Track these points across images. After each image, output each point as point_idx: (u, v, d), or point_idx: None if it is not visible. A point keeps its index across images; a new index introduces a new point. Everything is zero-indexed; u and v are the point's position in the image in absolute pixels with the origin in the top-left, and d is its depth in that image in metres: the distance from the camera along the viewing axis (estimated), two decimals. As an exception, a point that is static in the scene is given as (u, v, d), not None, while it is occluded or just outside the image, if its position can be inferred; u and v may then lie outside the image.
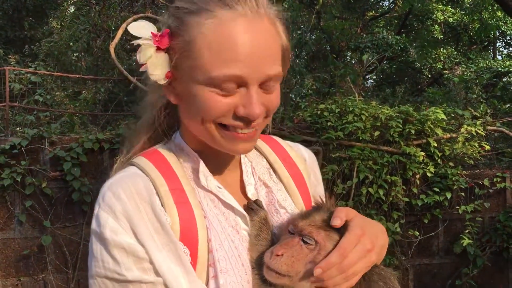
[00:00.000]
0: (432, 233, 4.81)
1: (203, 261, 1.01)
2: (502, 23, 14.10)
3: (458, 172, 4.72)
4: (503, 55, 17.54)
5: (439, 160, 4.73)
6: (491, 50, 18.08)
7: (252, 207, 1.12)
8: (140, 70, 1.05)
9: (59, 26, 11.14)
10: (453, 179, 4.66)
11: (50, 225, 4.31)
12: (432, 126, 4.70)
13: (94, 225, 0.99)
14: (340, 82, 8.53)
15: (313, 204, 1.14)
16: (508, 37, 17.12)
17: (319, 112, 4.79)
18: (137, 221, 0.97)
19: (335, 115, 4.79)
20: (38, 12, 13.30)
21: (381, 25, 17.12)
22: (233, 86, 0.99)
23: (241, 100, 1.00)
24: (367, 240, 1.01)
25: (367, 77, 15.79)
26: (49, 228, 4.32)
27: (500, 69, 11.29)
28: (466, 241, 4.59)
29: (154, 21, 1.20)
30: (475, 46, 16.26)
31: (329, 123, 4.72)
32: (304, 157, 1.30)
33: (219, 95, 0.99)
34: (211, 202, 1.08)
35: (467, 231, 4.69)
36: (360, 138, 4.66)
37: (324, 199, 1.13)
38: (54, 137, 4.45)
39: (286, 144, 1.30)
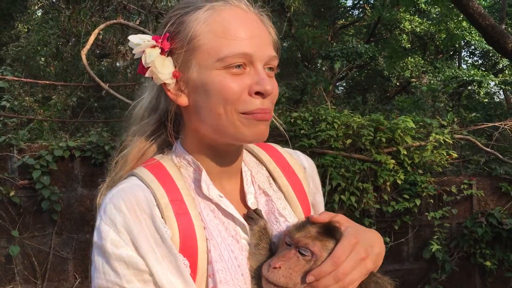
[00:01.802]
0: (402, 239, 4.91)
1: (202, 272, 1.03)
2: (467, 33, 14.51)
3: (427, 179, 4.83)
4: (468, 64, 18.07)
5: (408, 168, 4.83)
6: (457, 59, 18.59)
7: (251, 216, 1.13)
8: (146, 75, 1.09)
9: (26, 30, 10.89)
10: (422, 186, 4.77)
11: (18, 234, 4.21)
12: (402, 134, 4.81)
13: (95, 237, 1.02)
14: (312, 89, 8.63)
15: (310, 215, 1.16)
16: (473, 47, 17.64)
17: (292, 120, 4.84)
18: (138, 233, 0.99)
19: (308, 123, 4.84)
20: (5, 15, 12.96)
21: (351, 33, 17.41)
22: (242, 64, 1.04)
23: (251, 79, 1.04)
24: (361, 248, 1.03)
25: (337, 84, 16.00)
26: (17, 238, 4.22)
27: (465, 77, 11.62)
28: (435, 247, 4.70)
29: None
30: (441, 55, 16.69)
31: (302, 131, 4.77)
32: (303, 165, 1.32)
33: (230, 77, 1.03)
34: (211, 212, 1.09)
35: (435, 237, 4.80)
36: (333, 146, 4.72)
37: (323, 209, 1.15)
38: (22, 144, 4.35)
39: (286, 152, 1.32)
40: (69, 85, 6.86)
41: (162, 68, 1.07)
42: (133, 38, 1.09)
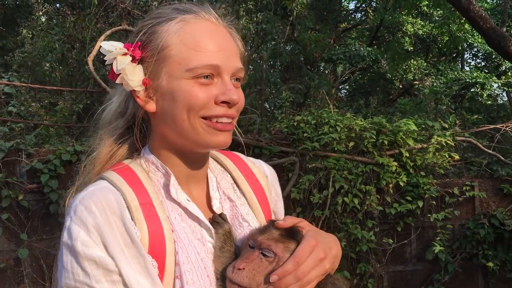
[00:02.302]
0: (405, 241, 4.95)
1: (170, 273, 1.06)
2: (470, 36, 14.54)
3: (429, 181, 4.88)
4: (471, 67, 18.09)
5: (411, 170, 4.88)
6: (460, 62, 18.62)
7: (217, 220, 1.18)
8: (116, 82, 1.14)
9: (31, 36, 11.01)
10: (425, 188, 4.82)
11: (27, 238, 4.28)
12: (404, 137, 4.86)
13: (65, 237, 1.03)
14: (315, 93, 8.69)
15: (271, 218, 1.23)
16: (475, 49, 17.67)
17: (295, 124, 4.90)
18: (108, 234, 1.01)
19: (311, 126, 4.90)
20: (9, 21, 13.09)
21: (353, 36, 17.46)
22: (210, 75, 1.10)
23: (218, 89, 1.11)
24: (320, 249, 1.09)
25: (340, 87, 16.06)
26: (26, 241, 4.29)
27: (468, 80, 11.65)
28: (437, 248, 4.74)
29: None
30: (444, 58, 16.72)
31: (305, 134, 4.83)
32: (265, 173, 1.37)
33: (198, 86, 1.09)
34: (178, 216, 1.13)
35: (438, 238, 4.84)
36: (336, 149, 4.78)
37: (283, 215, 1.21)
38: (30, 149, 4.43)
39: (249, 161, 1.37)
40: (75, 91, 6.94)
41: (132, 76, 1.11)
42: (105, 45, 1.13)
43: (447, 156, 5.02)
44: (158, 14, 1.15)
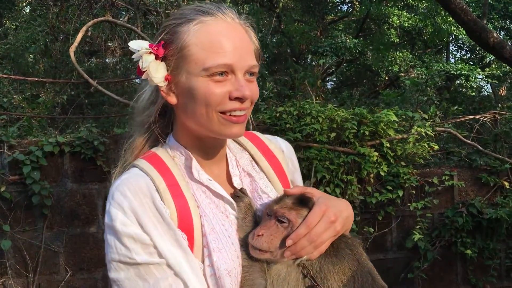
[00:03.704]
0: (386, 229, 5.04)
1: (198, 243, 1.23)
2: (454, 28, 14.67)
3: (409, 171, 4.96)
4: (456, 59, 18.24)
5: (391, 160, 4.96)
6: (445, 54, 18.76)
7: (238, 194, 1.33)
8: (142, 78, 1.27)
9: (14, 27, 10.88)
10: (405, 177, 4.90)
11: (10, 229, 4.28)
12: (384, 127, 4.93)
13: (106, 220, 1.21)
14: (300, 85, 8.73)
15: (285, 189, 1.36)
16: (460, 41, 17.81)
17: (278, 115, 4.94)
18: (142, 214, 1.18)
19: (294, 117, 4.95)
20: (-8, 12, 12.91)
21: (340, 28, 17.50)
22: (224, 73, 1.22)
23: (232, 86, 1.23)
24: (331, 213, 1.23)
25: (327, 79, 16.11)
26: (9, 232, 4.29)
27: (452, 71, 11.76)
28: (417, 237, 4.83)
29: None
30: (429, 50, 16.85)
31: (287, 125, 4.87)
32: (282, 148, 1.53)
33: (214, 83, 1.22)
34: (203, 193, 1.29)
35: (418, 227, 4.94)
36: (317, 140, 4.83)
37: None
38: (12, 140, 4.41)
39: (265, 138, 1.53)
40: (58, 82, 6.91)
41: (156, 73, 1.24)
42: (133, 44, 1.27)
43: (427, 146, 5.10)
44: (179, 15, 1.28)
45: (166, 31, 1.26)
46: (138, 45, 1.26)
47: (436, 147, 5.22)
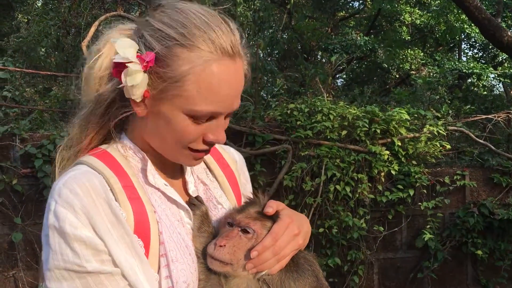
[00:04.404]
0: (396, 229, 5.01)
1: (155, 252, 1.11)
2: (467, 26, 14.53)
3: (421, 170, 4.92)
4: (468, 57, 18.08)
5: (403, 159, 4.92)
6: (457, 52, 18.60)
7: (194, 202, 1.25)
8: (119, 86, 1.10)
9: (26, 21, 10.94)
10: (416, 176, 4.86)
11: (21, 222, 4.31)
12: (396, 126, 4.89)
13: (51, 220, 1.04)
14: (310, 81, 8.69)
15: (246, 199, 1.30)
16: (473, 40, 17.64)
17: (289, 112, 4.92)
18: (95, 216, 1.03)
19: (305, 114, 4.93)
20: (4, 5, 13.00)
21: (351, 25, 17.41)
22: (208, 118, 1.13)
23: (209, 128, 1.14)
24: (295, 226, 1.18)
25: (337, 76, 16.05)
26: (20, 225, 4.32)
27: (464, 70, 11.65)
28: (427, 236, 4.80)
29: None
30: (441, 48, 16.71)
31: (298, 122, 4.86)
32: (235, 159, 1.45)
33: (192, 123, 1.11)
34: (158, 198, 1.19)
35: (428, 226, 4.90)
36: (328, 137, 4.81)
37: (254, 195, 1.29)
38: (24, 134, 4.44)
39: (220, 147, 1.44)
40: (70, 76, 6.93)
41: (137, 89, 1.08)
42: (119, 47, 1.09)
43: (439, 146, 5.06)
44: (187, 33, 1.08)
45: (164, 43, 1.08)
46: (125, 52, 1.08)
47: (448, 146, 5.17)
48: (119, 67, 1.09)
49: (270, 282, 1.15)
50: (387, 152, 4.84)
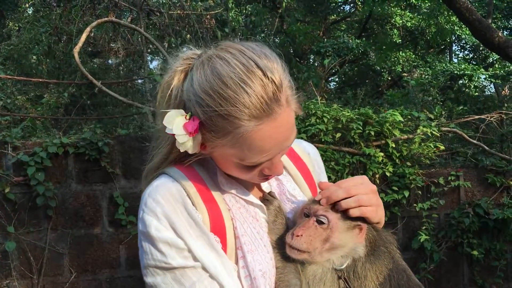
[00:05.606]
0: (392, 230, 5.00)
1: (231, 245, 1.25)
2: (458, 28, 14.63)
3: (415, 172, 4.93)
4: (459, 58, 18.19)
5: (397, 160, 4.93)
6: (448, 54, 18.72)
7: (267, 198, 1.36)
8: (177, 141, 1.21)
9: (17, 28, 10.88)
10: (411, 178, 4.87)
11: (14, 230, 4.26)
12: (390, 127, 4.90)
13: (140, 227, 1.23)
14: (303, 85, 8.71)
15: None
16: (463, 41, 17.77)
17: (282, 115, 4.91)
18: (175, 219, 1.21)
19: (299, 117, 4.92)
20: (-5, 13, 12.91)
21: (342, 28, 17.49)
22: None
23: (265, 165, 1.24)
24: (372, 186, 1.29)
25: (329, 79, 16.09)
26: (13, 234, 4.27)
27: (456, 72, 11.72)
28: (423, 237, 4.80)
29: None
30: (432, 50, 16.81)
31: (292, 126, 4.84)
32: (307, 151, 1.56)
33: (247, 169, 1.24)
34: (232, 198, 1.32)
35: (424, 227, 4.90)
36: (323, 140, 4.80)
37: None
38: (17, 141, 4.39)
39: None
40: (62, 83, 6.90)
41: (189, 149, 1.22)
42: (168, 120, 1.18)
43: (433, 147, 5.07)
44: (219, 94, 1.13)
45: (205, 110, 1.15)
46: (171, 124, 1.18)
47: (442, 147, 5.19)
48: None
49: (345, 268, 1.24)
50: (382, 154, 4.84)
